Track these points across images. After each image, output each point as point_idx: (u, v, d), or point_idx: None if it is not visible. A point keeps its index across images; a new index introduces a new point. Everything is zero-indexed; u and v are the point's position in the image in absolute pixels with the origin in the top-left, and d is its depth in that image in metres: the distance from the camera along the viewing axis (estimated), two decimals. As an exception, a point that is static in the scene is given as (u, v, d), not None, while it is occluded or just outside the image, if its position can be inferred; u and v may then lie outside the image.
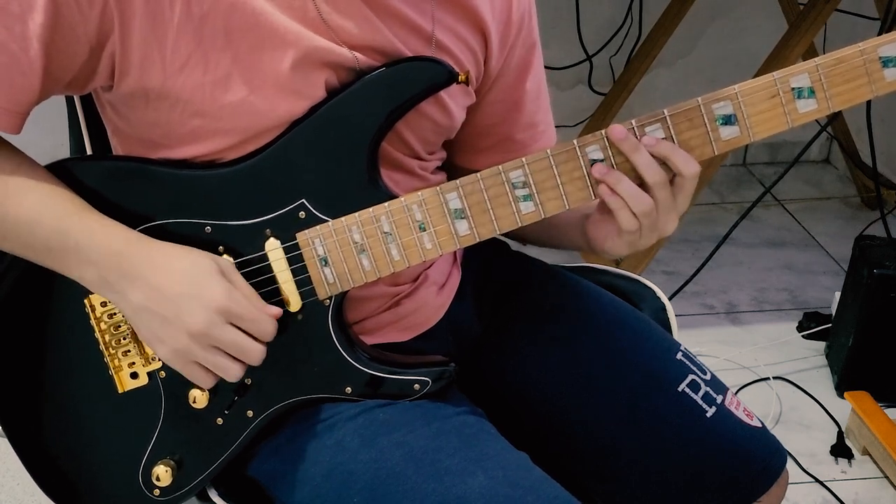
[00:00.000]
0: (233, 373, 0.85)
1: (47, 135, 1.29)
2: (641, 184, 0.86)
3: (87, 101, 1.03)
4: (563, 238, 1.04)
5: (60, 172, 0.89)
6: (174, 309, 0.83)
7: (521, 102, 1.05)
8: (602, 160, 0.86)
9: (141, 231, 0.88)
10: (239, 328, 0.84)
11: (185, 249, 0.86)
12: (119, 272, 0.84)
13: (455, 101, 0.96)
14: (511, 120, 1.05)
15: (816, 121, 2.62)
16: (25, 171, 0.87)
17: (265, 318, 0.85)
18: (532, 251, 1.17)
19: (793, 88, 0.83)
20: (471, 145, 1.06)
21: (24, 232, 0.85)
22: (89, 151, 1.07)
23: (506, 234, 1.13)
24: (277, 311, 0.87)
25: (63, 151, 1.07)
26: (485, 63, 0.99)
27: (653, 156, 0.85)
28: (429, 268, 1.03)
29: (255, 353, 0.85)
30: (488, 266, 1.13)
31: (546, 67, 1.08)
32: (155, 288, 0.83)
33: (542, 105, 1.08)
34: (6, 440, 0.97)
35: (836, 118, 2.57)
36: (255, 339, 0.85)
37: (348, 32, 0.86)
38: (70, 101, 1.08)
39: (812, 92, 0.83)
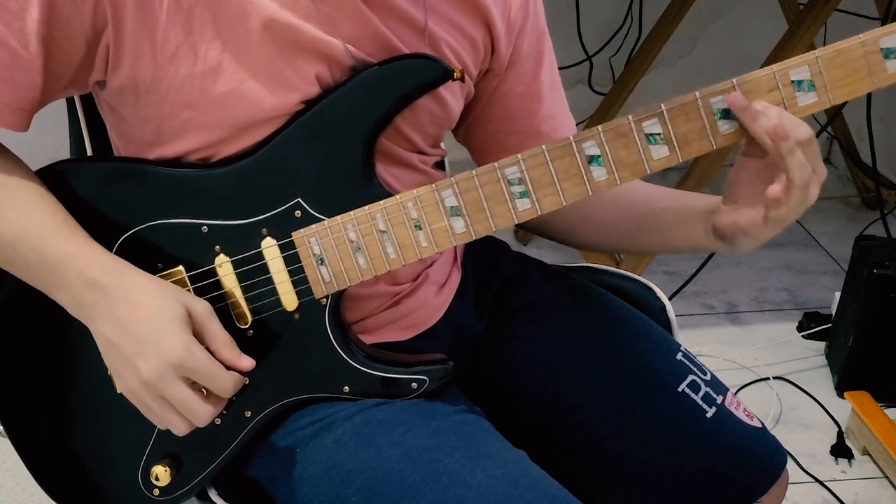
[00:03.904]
0: (178, 429, 0.84)
1: (47, 134, 1.29)
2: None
3: (88, 101, 1.03)
4: (678, 239, 0.98)
5: (54, 176, 0.89)
6: (133, 350, 0.81)
7: (539, 93, 1.04)
8: (599, 155, 0.86)
9: (137, 231, 0.88)
10: (202, 381, 0.82)
11: (161, 287, 0.84)
12: (91, 299, 0.83)
13: (451, 92, 0.95)
14: (532, 112, 1.04)
15: (816, 120, 2.62)
16: (13, 183, 0.86)
17: (223, 376, 0.82)
18: (532, 251, 1.17)
19: (792, 81, 0.82)
20: (496, 143, 1.05)
21: (7, 249, 0.85)
22: (89, 151, 1.07)
23: (570, 244, 1.12)
24: (249, 363, 0.84)
25: (63, 151, 1.07)
26: (493, 51, 0.98)
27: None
28: (429, 267, 1.03)
29: (201, 416, 0.82)
30: (488, 266, 1.13)
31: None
32: (120, 323, 0.82)
33: (557, 95, 1.07)
34: (7, 440, 0.97)
35: (835, 117, 2.57)
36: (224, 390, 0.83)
37: (338, 22, 0.86)
38: (70, 100, 1.08)
39: (812, 85, 0.82)
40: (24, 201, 0.85)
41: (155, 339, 0.81)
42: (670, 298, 1.22)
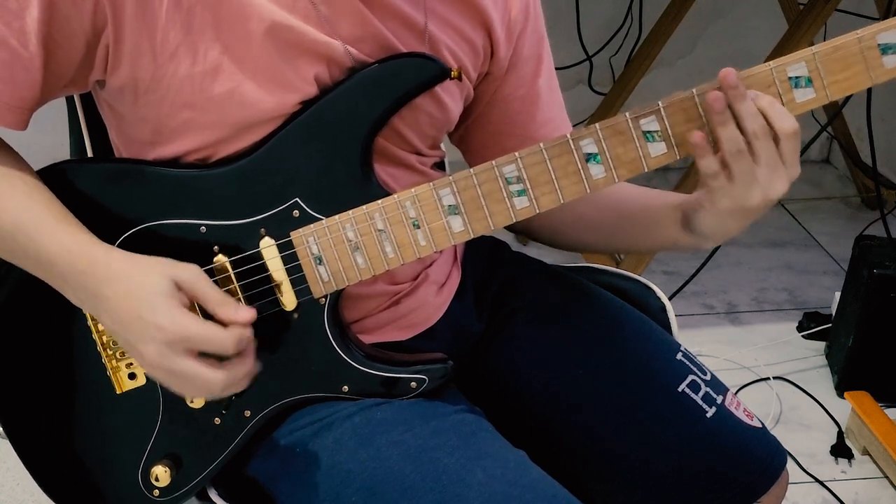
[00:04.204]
0: (200, 397, 0.85)
1: (47, 134, 1.29)
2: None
3: (88, 101, 1.03)
4: (654, 235, 0.99)
5: (54, 176, 0.89)
6: (134, 336, 0.82)
7: (537, 97, 1.04)
8: (597, 153, 0.85)
9: (136, 232, 0.88)
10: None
11: (147, 267, 0.83)
12: (87, 292, 0.83)
13: (450, 94, 0.95)
14: (530, 116, 1.04)
15: (816, 120, 2.61)
16: (10, 175, 0.86)
17: (219, 335, 0.81)
18: (532, 251, 1.17)
19: (790, 77, 0.82)
20: (495, 144, 1.05)
21: (7, 239, 0.85)
22: (90, 151, 1.07)
23: (556, 244, 1.12)
24: (247, 315, 0.83)
25: (63, 151, 1.07)
26: (493, 54, 0.98)
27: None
28: (428, 267, 1.03)
29: (214, 385, 0.82)
30: (488, 266, 1.13)
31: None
32: (116, 313, 0.82)
33: (555, 99, 1.07)
34: (6, 441, 0.97)
35: (835, 117, 2.57)
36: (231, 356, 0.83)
37: (339, 24, 0.86)
38: (70, 100, 1.08)
39: (809, 81, 0.82)
40: (21, 192, 0.86)
41: (148, 321, 0.80)
42: (670, 298, 1.22)
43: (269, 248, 0.89)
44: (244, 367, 0.84)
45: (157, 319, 0.80)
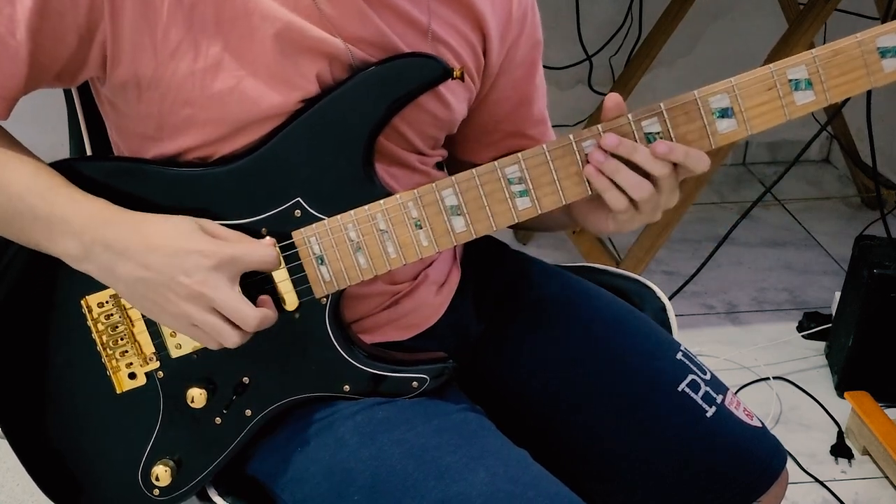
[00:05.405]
0: (231, 339, 0.84)
1: (47, 135, 1.29)
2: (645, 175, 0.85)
3: (88, 101, 1.03)
4: (545, 219, 1.01)
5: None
6: (169, 270, 0.82)
7: (531, 99, 1.05)
8: None
9: None
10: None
11: (163, 216, 0.86)
12: (104, 244, 0.83)
13: (454, 94, 0.95)
14: (521, 116, 1.05)
15: (816, 120, 2.61)
16: (14, 147, 0.87)
17: (262, 250, 0.85)
18: (532, 251, 1.17)
19: (790, 80, 0.83)
20: (478, 141, 1.06)
21: (14, 200, 0.85)
22: (89, 151, 1.07)
23: None
24: (269, 241, 0.87)
25: (63, 151, 1.07)
26: (485, 57, 0.98)
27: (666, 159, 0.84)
28: (428, 267, 1.03)
29: (250, 319, 0.83)
30: (488, 266, 1.13)
31: (546, 67, 1.08)
32: (143, 257, 0.83)
33: (544, 102, 1.08)
34: (6, 441, 0.97)
35: (835, 117, 2.57)
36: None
37: (341, 23, 0.86)
38: (70, 100, 1.08)
39: (810, 84, 0.83)
40: (28, 160, 0.87)
41: (192, 250, 0.82)
42: (670, 298, 1.22)
43: (270, 249, 0.89)
44: (273, 312, 0.86)
45: (202, 247, 0.82)
